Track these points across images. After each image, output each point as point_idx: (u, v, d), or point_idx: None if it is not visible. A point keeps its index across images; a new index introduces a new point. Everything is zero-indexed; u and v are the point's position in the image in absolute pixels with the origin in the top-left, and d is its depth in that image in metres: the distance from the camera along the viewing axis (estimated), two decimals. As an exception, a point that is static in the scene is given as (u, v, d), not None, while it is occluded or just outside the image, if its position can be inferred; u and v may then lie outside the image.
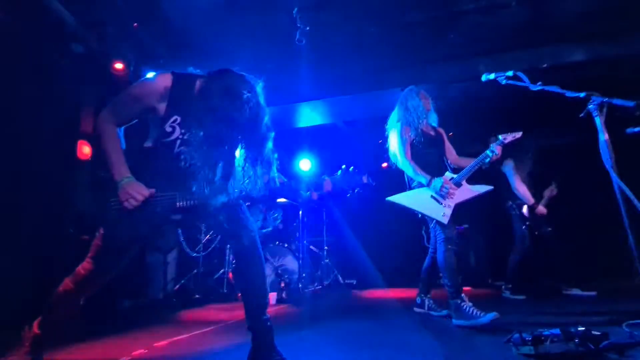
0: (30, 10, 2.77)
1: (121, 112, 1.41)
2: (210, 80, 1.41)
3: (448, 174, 2.40)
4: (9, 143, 2.54)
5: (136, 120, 1.46)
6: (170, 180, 1.41)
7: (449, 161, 2.62)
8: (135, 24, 3.25)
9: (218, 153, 1.41)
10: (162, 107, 1.39)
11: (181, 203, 1.40)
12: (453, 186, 2.32)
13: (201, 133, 1.37)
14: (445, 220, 2.25)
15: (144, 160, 1.42)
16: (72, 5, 2.94)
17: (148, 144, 1.44)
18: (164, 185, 1.40)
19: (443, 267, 2.26)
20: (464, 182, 2.37)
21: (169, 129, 1.39)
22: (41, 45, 2.94)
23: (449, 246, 2.25)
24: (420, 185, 2.42)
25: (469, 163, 2.45)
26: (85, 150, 3.08)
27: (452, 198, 2.30)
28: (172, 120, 1.39)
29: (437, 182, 2.32)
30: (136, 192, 1.33)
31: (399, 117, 2.60)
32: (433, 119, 2.64)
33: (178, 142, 1.40)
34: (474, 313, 2.02)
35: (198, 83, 1.42)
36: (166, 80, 1.40)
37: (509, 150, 2.58)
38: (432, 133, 2.61)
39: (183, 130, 1.40)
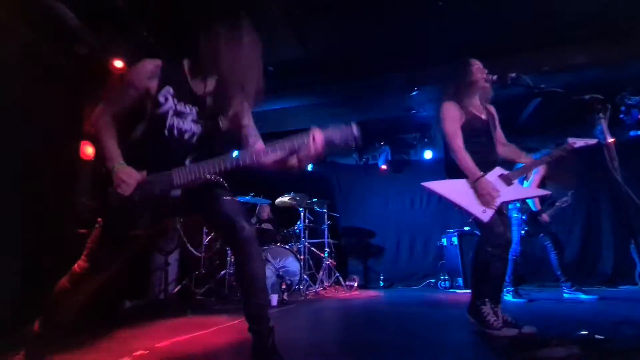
0: (32, 10, 2.78)
1: (116, 100, 1.42)
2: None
3: (497, 170, 2.09)
4: (10, 143, 2.55)
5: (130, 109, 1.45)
6: (165, 155, 1.42)
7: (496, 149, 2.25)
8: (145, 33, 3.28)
9: (211, 124, 1.46)
10: (154, 84, 1.41)
11: (178, 179, 1.39)
12: (496, 188, 2.01)
13: (194, 105, 1.43)
14: (485, 218, 1.95)
15: (137, 141, 1.44)
16: (75, 6, 2.96)
17: (140, 128, 1.45)
18: (159, 162, 1.40)
19: (473, 268, 2.07)
20: (515, 181, 2.09)
21: (162, 99, 1.41)
22: (43, 45, 2.95)
23: (488, 248, 1.99)
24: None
25: (517, 154, 2.22)
26: (88, 150, 3.09)
27: (497, 196, 1.99)
28: (164, 90, 1.41)
29: (484, 182, 1.99)
30: (127, 176, 1.33)
31: (445, 92, 2.21)
32: (486, 99, 2.26)
33: (170, 112, 1.42)
34: (492, 322, 1.91)
35: (186, 62, 1.49)
36: (155, 61, 1.44)
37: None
38: (483, 117, 2.20)
39: (175, 101, 1.43)
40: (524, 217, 3.60)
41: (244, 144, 1.56)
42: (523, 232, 3.59)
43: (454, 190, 2.04)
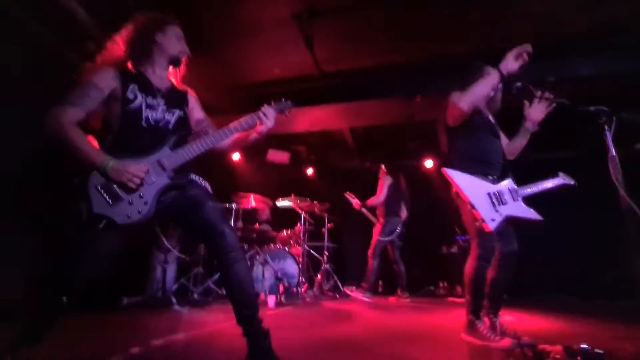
0: (45, 7, 2.81)
1: (80, 103, 1.40)
2: None
3: (509, 182, 2.09)
4: (19, 140, 2.56)
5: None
6: (146, 144, 1.46)
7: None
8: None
9: (180, 112, 1.58)
10: (117, 83, 1.48)
11: (167, 163, 1.45)
12: (505, 199, 2.01)
13: (161, 98, 1.54)
14: (491, 227, 1.89)
15: (118, 136, 1.46)
16: (87, 4, 2.99)
17: (116, 125, 1.47)
18: (143, 151, 1.44)
19: (469, 281, 2.01)
20: (520, 199, 2.10)
21: (131, 96, 1.48)
22: (54, 42, 2.98)
23: (482, 263, 1.97)
24: (487, 177, 2.05)
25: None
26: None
27: (505, 207, 1.98)
28: (130, 88, 1.49)
29: (504, 185, 2.03)
30: (135, 169, 1.36)
31: (455, 88, 2.15)
32: (492, 109, 2.25)
33: (143, 105, 1.49)
34: (489, 335, 1.89)
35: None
36: (111, 66, 1.53)
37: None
38: (491, 118, 2.22)
39: (144, 95, 1.51)
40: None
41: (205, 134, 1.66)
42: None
43: (472, 187, 1.98)
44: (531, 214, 2.07)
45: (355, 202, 4.79)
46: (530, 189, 2.15)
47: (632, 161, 1.99)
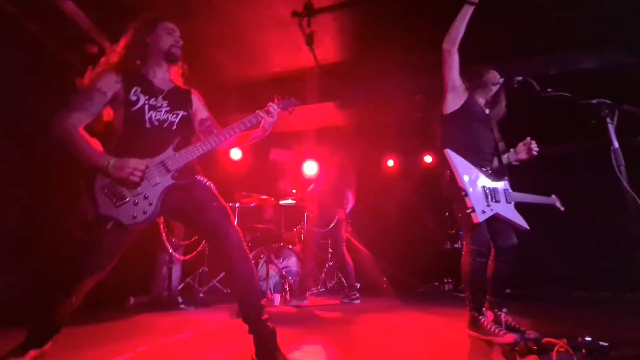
0: (44, 11, 2.83)
1: (84, 108, 1.43)
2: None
3: (505, 183, 2.13)
4: (21, 144, 2.58)
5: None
6: (150, 144, 1.47)
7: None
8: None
9: (183, 113, 1.59)
10: (119, 86, 1.50)
11: (170, 164, 1.46)
12: (498, 197, 2.05)
13: (164, 100, 1.56)
14: (480, 219, 1.91)
15: (122, 137, 1.47)
16: (86, 7, 3.00)
17: (120, 126, 1.49)
18: (147, 152, 1.45)
19: (466, 277, 1.99)
20: (512, 202, 2.12)
21: (133, 98, 1.49)
22: (55, 45, 3.00)
23: (478, 258, 1.97)
24: (481, 169, 2.07)
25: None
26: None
27: (497, 205, 2.02)
28: (133, 90, 1.50)
29: (500, 185, 2.08)
30: (135, 163, 1.37)
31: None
32: (496, 113, 2.31)
33: (146, 107, 1.51)
34: (493, 330, 1.88)
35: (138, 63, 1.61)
36: (113, 69, 1.53)
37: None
38: (487, 111, 2.27)
39: (147, 97, 1.52)
40: None
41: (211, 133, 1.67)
42: None
43: (471, 176, 2.00)
44: (519, 220, 2.09)
45: (286, 186, 4.20)
46: (522, 197, 2.16)
47: (635, 154, 1.97)
